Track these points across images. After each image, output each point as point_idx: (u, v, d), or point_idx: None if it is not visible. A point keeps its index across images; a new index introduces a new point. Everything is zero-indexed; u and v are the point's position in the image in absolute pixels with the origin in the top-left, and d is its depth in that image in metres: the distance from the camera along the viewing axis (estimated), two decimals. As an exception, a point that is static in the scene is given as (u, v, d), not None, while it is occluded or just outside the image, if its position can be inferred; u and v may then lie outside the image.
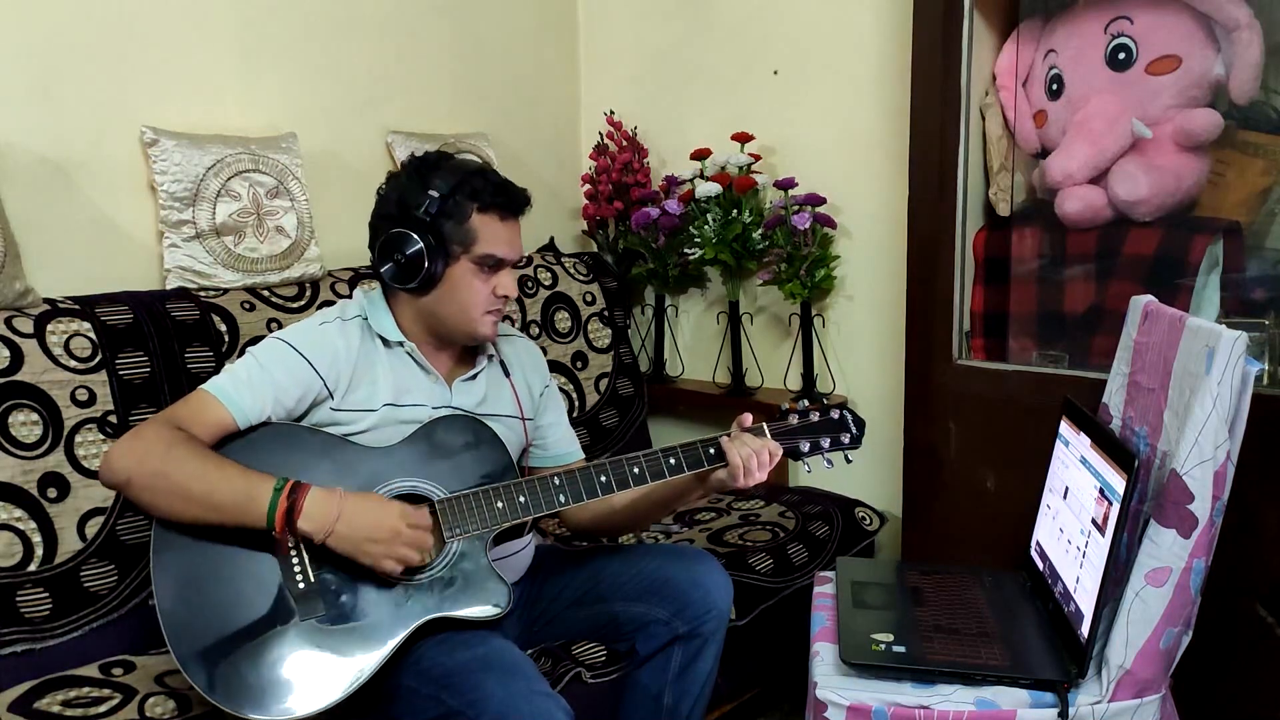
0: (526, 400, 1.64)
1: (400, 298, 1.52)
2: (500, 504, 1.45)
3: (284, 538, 1.33)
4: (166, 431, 1.35)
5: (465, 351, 1.61)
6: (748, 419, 1.52)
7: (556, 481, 1.48)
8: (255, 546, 1.36)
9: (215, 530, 1.34)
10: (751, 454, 1.45)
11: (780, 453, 1.49)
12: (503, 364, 1.63)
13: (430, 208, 1.45)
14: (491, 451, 1.52)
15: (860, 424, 1.57)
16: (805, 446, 1.54)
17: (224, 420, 1.39)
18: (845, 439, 1.56)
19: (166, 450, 1.32)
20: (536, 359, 1.71)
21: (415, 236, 1.45)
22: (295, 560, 1.37)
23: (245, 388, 1.41)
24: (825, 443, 1.55)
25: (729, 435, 1.49)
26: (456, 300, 1.49)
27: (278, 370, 1.44)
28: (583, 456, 1.71)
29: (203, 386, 1.42)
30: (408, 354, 1.53)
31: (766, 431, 1.52)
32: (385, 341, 1.52)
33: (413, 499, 1.46)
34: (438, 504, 1.44)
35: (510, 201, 1.50)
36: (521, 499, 1.46)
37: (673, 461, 1.49)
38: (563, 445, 1.70)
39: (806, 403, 1.57)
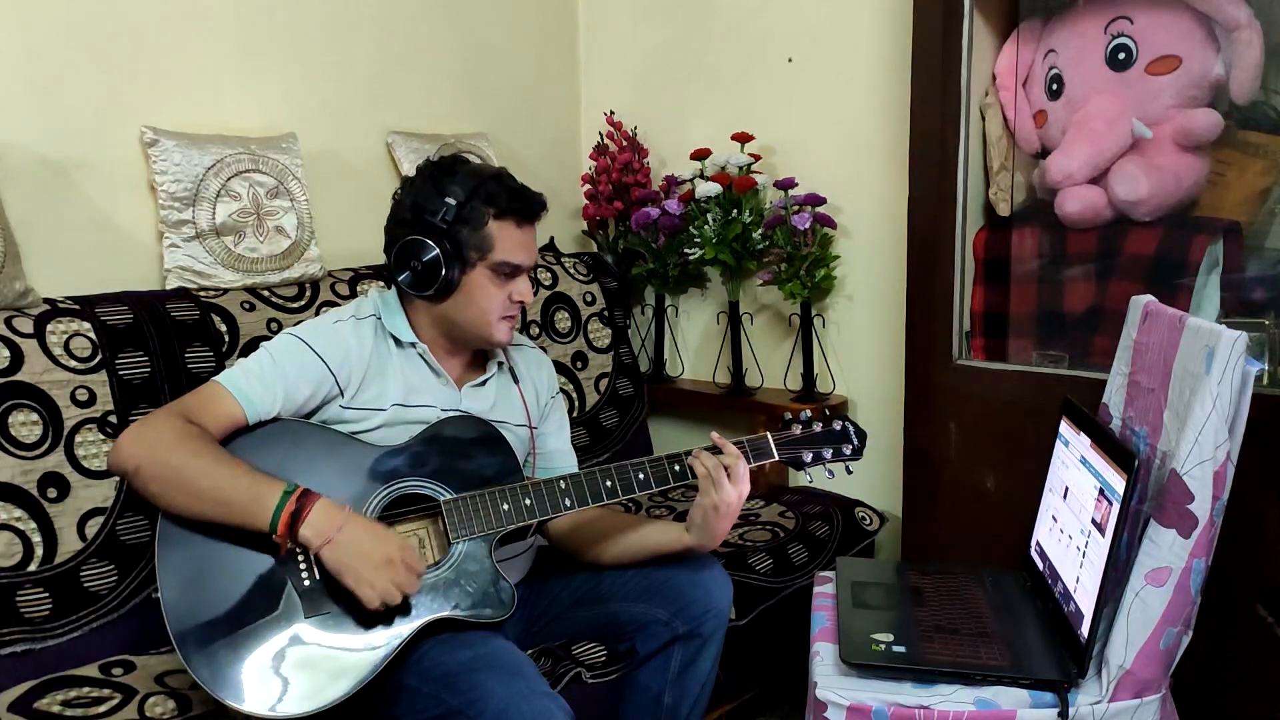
0: (534, 409, 1.65)
1: (416, 302, 1.53)
2: (506, 506, 1.45)
3: (284, 541, 1.32)
4: (178, 422, 1.35)
5: (476, 357, 1.61)
6: (715, 437, 1.52)
7: (562, 485, 1.48)
8: (261, 542, 1.35)
9: (221, 526, 1.34)
10: (719, 466, 1.46)
11: (744, 465, 1.48)
12: (512, 371, 1.64)
13: (447, 215, 1.45)
14: (499, 453, 1.52)
15: (862, 436, 1.61)
16: (808, 457, 1.57)
17: (234, 413, 1.39)
18: (847, 450, 1.59)
19: (177, 441, 1.33)
20: (546, 369, 1.72)
21: (431, 244, 1.46)
22: (301, 557, 1.37)
23: (257, 381, 1.42)
24: (827, 454, 1.58)
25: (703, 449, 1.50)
26: (473, 306, 1.50)
27: (290, 366, 1.44)
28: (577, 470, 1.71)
29: (214, 379, 1.42)
30: (419, 355, 1.54)
31: (771, 439, 1.55)
32: (398, 341, 1.53)
33: (419, 499, 1.46)
34: (444, 504, 1.44)
35: (526, 207, 1.51)
36: (527, 501, 1.47)
37: (677, 468, 1.51)
38: (558, 458, 1.70)
39: (809, 412, 1.59)
